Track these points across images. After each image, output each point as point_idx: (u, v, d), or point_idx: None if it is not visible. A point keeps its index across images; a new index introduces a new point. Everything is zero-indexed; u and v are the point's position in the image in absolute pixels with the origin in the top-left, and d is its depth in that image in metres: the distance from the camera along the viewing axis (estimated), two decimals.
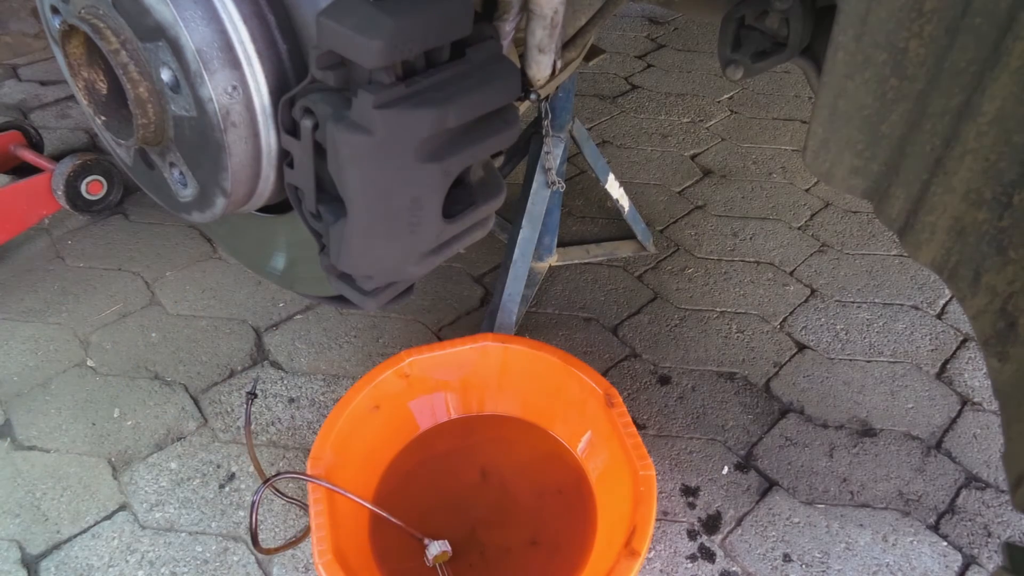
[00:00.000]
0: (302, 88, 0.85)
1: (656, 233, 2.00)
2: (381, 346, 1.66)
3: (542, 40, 0.88)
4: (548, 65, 0.92)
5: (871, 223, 2.05)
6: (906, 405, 1.55)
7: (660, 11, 3.19)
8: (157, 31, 0.85)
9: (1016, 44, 0.53)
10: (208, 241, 1.93)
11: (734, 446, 1.46)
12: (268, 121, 0.91)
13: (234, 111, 0.88)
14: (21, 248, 1.89)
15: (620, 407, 1.24)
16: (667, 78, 2.75)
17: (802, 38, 0.89)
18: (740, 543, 1.30)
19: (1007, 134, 0.56)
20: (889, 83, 0.63)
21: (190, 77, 0.85)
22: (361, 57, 0.77)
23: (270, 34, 0.88)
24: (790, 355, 1.66)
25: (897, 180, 0.66)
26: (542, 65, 0.91)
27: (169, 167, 1.00)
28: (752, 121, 2.50)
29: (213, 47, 0.85)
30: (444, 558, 1.18)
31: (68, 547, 1.27)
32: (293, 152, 0.89)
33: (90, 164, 1.85)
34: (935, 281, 1.85)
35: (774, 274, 1.88)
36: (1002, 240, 0.59)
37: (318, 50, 0.82)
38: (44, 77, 2.58)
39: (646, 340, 1.69)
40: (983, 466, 1.43)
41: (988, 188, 0.59)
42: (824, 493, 1.38)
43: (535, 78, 0.93)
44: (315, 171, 0.88)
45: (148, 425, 1.47)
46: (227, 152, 0.89)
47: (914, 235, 0.66)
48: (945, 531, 1.33)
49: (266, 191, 0.99)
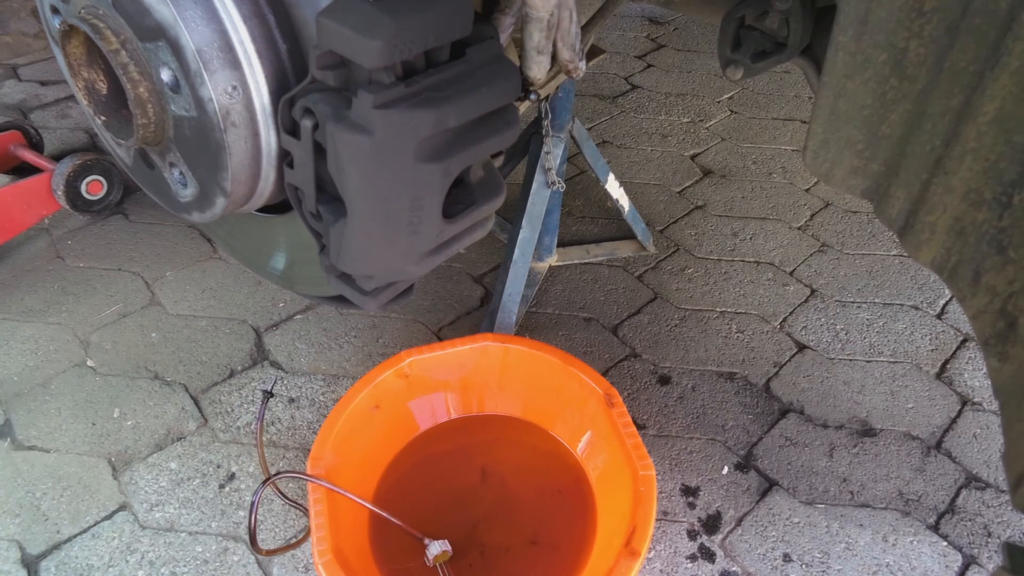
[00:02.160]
0: (302, 88, 0.85)
1: (656, 233, 2.00)
2: (381, 346, 1.66)
3: (539, 42, 0.89)
4: (547, 65, 0.93)
5: (871, 223, 2.05)
6: (906, 405, 1.55)
7: (660, 11, 3.19)
8: (157, 31, 0.85)
9: (1016, 44, 0.53)
10: (208, 241, 1.93)
11: (734, 446, 1.46)
12: (268, 121, 0.91)
13: (234, 111, 0.88)
14: (21, 248, 1.89)
15: (620, 407, 1.24)
16: (667, 78, 2.75)
17: (802, 38, 0.89)
18: (740, 543, 1.30)
19: (1007, 134, 0.56)
20: (889, 83, 0.63)
21: (190, 77, 0.85)
22: (361, 57, 0.77)
23: (270, 34, 0.88)
24: (790, 355, 1.66)
25: (897, 180, 0.66)
26: (541, 66, 0.92)
27: (169, 167, 1.00)
28: (752, 121, 2.50)
29: (213, 47, 0.85)
30: (444, 558, 1.18)
31: (68, 547, 1.27)
32: (293, 152, 0.89)
33: (90, 164, 1.85)
34: (935, 281, 1.85)
35: (774, 274, 1.88)
36: (1002, 240, 0.59)
37: (318, 50, 0.82)
38: (44, 77, 2.58)
39: (646, 340, 1.69)
40: (983, 466, 1.43)
41: (988, 188, 0.59)
42: (824, 493, 1.38)
43: (534, 78, 0.94)
44: (315, 171, 0.88)
45: (148, 425, 1.47)
46: (227, 152, 0.89)
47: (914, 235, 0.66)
48: (945, 531, 1.33)
49: (266, 191, 0.99)
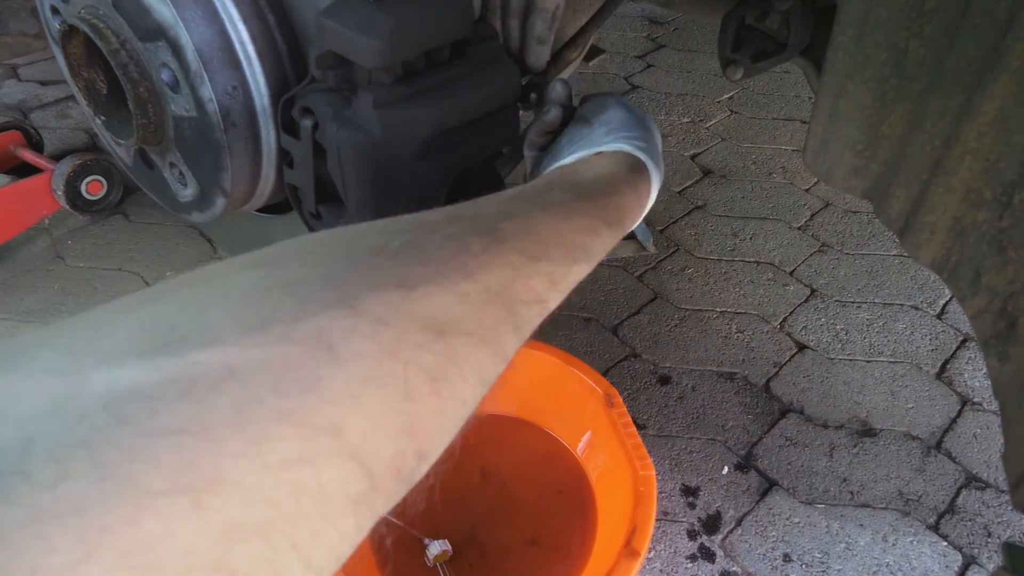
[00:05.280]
0: (302, 88, 0.85)
1: (656, 233, 2.00)
2: None
3: (542, 32, 0.89)
4: (547, 56, 0.94)
5: (871, 223, 2.05)
6: (906, 405, 1.55)
7: (660, 11, 3.19)
8: (157, 31, 0.85)
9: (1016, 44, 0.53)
10: (208, 241, 1.93)
11: (734, 446, 1.46)
12: (268, 121, 0.91)
13: (234, 111, 0.88)
14: (21, 248, 1.89)
15: (620, 407, 1.24)
16: (667, 78, 2.75)
17: (802, 38, 0.89)
18: (740, 543, 1.30)
19: (1007, 134, 0.56)
20: (889, 83, 0.63)
21: (190, 77, 0.85)
22: (361, 57, 0.77)
23: (270, 34, 0.88)
24: (790, 355, 1.66)
25: (897, 180, 0.66)
26: (541, 56, 0.93)
27: (169, 167, 1.00)
28: (752, 121, 2.50)
29: (213, 47, 0.85)
30: (445, 558, 1.18)
31: None
32: (293, 152, 0.89)
33: (90, 164, 1.85)
34: (935, 281, 1.85)
35: (774, 274, 1.88)
36: (1002, 240, 0.59)
37: (318, 50, 0.82)
38: (44, 77, 2.58)
39: (646, 340, 1.68)
40: (983, 466, 1.43)
41: (988, 188, 0.59)
42: (824, 493, 1.38)
43: (533, 66, 0.95)
44: (315, 171, 0.88)
45: None
46: (227, 152, 0.89)
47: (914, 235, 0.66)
48: (945, 531, 1.33)
49: (266, 191, 0.99)
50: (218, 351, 0.32)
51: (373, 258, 0.41)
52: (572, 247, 0.56)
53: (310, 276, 0.38)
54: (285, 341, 0.33)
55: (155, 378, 0.30)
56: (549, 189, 0.65)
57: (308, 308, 0.35)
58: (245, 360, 0.32)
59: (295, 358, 0.33)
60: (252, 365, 0.32)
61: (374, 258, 0.41)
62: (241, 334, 0.33)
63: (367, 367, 0.35)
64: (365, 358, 0.35)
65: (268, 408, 0.31)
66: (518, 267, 0.48)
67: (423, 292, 0.40)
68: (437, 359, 0.39)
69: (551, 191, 0.63)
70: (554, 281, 0.52)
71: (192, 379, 0.30)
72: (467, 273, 0.44)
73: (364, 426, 0.34)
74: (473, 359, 0.42)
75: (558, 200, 0.61)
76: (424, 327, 0.39)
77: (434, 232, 0.46)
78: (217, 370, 0.31)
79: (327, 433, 0.32)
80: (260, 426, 0.30)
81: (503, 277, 0.46)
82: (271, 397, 0.31)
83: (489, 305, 0.44)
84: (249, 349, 0.32)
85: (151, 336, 0.32)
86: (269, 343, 0.33)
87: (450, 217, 0.50)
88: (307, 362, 0.33)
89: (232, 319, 0.34)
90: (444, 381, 0.40)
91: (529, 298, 0.49)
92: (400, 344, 0.37)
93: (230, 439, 0.29)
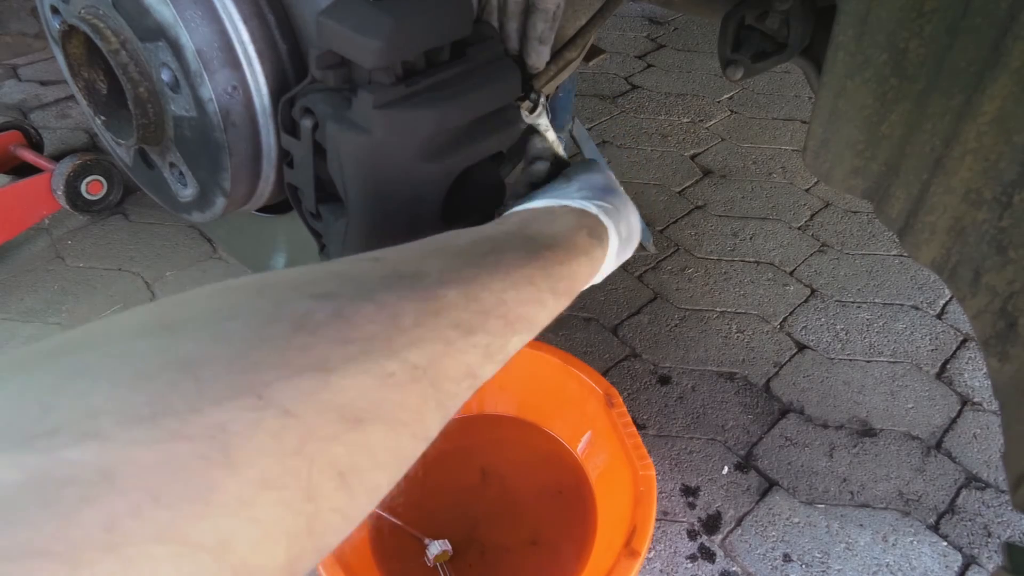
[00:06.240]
0: (302, 88, 0.85)
1: (656, 233, 2.00)
2: None
3: (543, 32, 0.89)
4: (547, 56, 0.94)
5: (871, 223, 2.05)
6: (906, 405, 1.55)
7: (660, 11, 3.19)
8: (157, 31, 0.85)
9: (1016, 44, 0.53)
10: (208, 241, 1.93)
11: (734, 446, 1.46)
12: (268, 121, 0.91)
13: (234, 111, 0.88)
14: (21, 248, 1.89)
15: (620, 407, 1.24)
16: (667, 78, 2.75)
17: (802, 38, 0.89)
18: (740, 543, 1.30)
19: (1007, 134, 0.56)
20: (889, 83, 0.63)
21: (190, 77, 0.85)
22: (361, 57, 0.77)
23: (270, 34, 0.88)
24: (790, 355, 1.66)
25: (897, 180, 0.66)
26: (541, 55, 0.94)
27: (169, 167, 1.00)
28: (752, 121, 2.50)
29: (213, 47, 0.85)
30: (445, 557, 1.18)
31: None
32: (293, 152, 0.89)
33: (90, 164, 1.85)
34: (935, 281, 1.85)
35: (774, 274, 1.88)
36: (1002, 240, 0.59)
37: (318, 50, 0.82)
38: (44, 77, 2.58)
39: (646, 340, 1.69)
40: (983, 466, 1.43)
41: (988, 188, 0.59)
42: (824, 493, 1.38)
43: (533, 66, 0.95)
44: (315, 171, 0.88)
45: None
46: (227, 152, 0.89)
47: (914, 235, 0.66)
48: (945, 531, 1.33)
49: (266, 191, 0.99)
50: (94, 449, 0.28)
51: (293, 335, 0.38)
52: (513, 319, 0.54)
53: (217, 355, 0.34)
54: (175, 438, 0.30)
55: (16, 478, 0.26)
56: (505, 242, 0.63)
57: (208, 396, 0.32)
58: (126, 461, 0.28)
59: (184, 460, 0.30)
60: (133, 468, 0.28)
61: (294, 335, 0.38)
62: (125, 426, 0.29)
63: (266, 468, 0.32)
64: (265, 457, 0.32)
65: (145, 523, 0.27)
66: (451, 342, 0.46)
67: (342, 375, 0.38)
68: (349, 450, 0.37)
69: (504, 249, 0.61)
70: (490, 354, 0.50)
71: (60, 484, 0.26)
72: (393, 351, 0.42)
73: (255, 535, 0.31)
74: (390, 444, 0.40)
75: (509, 262, 0.58)
76: (339, 417, 0.37)
77: (366, 299, 0.44)
78: (91, 474, 0.27)
79: (210, 550, 0.29)
80: (134, 548, 0.27)
81: (433, 353, 0.44)
82: (150, 508, 0.28)
83: (414, 385, 0.42)
84: (132, 448, 0.29)
85: (19, 419, 0.28)
86: (157, 440, 0.29)
87: (388, 276, 0.48)
88: (197, 465, 0.30)
89: (117, 405, 0.30)
90: (354, 473, 0.37)
91: (459, 374, 0.47)
92: (308, 439, 0.35)
93: (98, 563, 0.25)
